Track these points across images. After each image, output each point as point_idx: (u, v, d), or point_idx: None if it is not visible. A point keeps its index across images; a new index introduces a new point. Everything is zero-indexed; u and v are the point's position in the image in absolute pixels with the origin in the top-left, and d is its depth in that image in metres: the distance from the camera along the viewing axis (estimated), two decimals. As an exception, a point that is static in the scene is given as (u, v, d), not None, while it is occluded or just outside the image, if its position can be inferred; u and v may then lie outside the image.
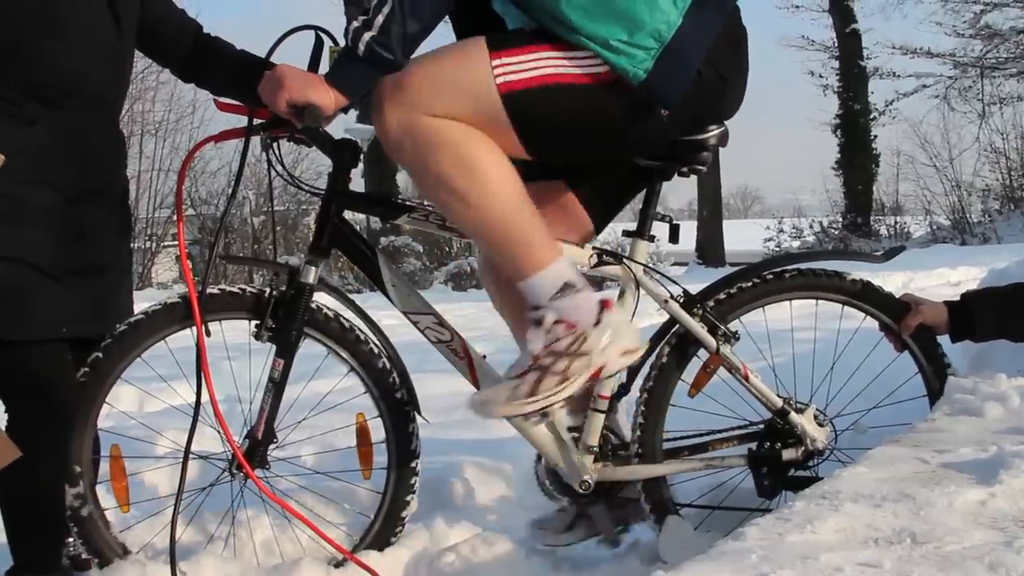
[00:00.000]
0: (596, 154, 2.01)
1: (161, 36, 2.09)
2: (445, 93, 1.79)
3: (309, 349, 2.11)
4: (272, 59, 2.01)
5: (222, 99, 2.09)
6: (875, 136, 17.57)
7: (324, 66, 1.94)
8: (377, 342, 2.13)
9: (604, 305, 1.83)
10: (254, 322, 2.06)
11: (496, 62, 1.79)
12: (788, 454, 2.14)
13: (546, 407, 1.82)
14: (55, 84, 1.88)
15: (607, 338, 1.81)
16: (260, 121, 2.00)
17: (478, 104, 1.79)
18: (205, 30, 2.17)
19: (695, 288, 2.17)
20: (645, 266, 2.08)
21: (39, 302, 1.87)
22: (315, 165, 14.89)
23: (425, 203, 2.09)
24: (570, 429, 2.13)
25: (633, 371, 2.15)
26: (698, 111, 1.93)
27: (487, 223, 1.82)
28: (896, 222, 16.89)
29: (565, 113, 1.82)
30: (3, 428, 1.87)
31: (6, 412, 1.94)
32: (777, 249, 16.79)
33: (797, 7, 18.41)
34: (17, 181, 1.84)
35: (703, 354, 2.14)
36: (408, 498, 2.14)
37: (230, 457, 2.04)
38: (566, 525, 2.21)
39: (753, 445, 2.17)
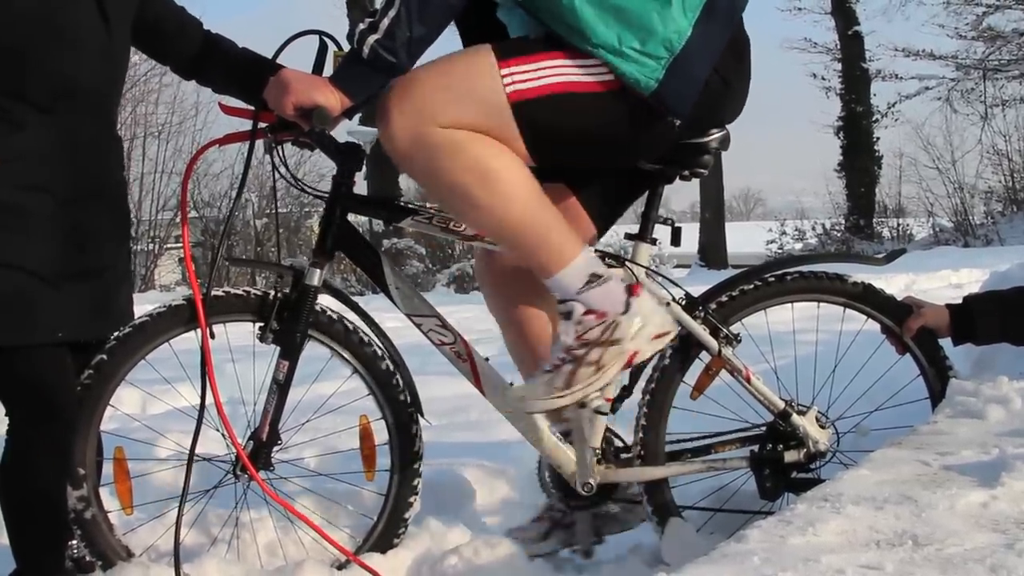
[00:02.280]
0: (603, 161, 2.02)
1: (162, 34, 2.09)
2: (454, 103, 1.78)
3: (313, 351, 2.11)
4: (276, 62, 2.02)
5: (227, 103, 2.10)
6: (877, 138, 17.55)
7: (328, 70, 1.94)
8: (380, 344, 2.14)
9: (632, 291, 1.85)
10: (258, 324, 2.06)
11: (505, 71, 1.78)
12: (790, 456, 2.14)
13: (583, 397, 1.84)
14: (44, 87, 1.86)
15: (638, 323, 1.83)
16: (265, 124, 2.00)
17: (488, 113, 1.79)
18: (206, 28, 2.16)
19: (697, 290, 2.18)
20: (647, 269, 2.08)
21: (37, 307, 1.86)
22: (318, 168, 14.89)
23: (428, 205, 2.10)
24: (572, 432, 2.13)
25: (635, 373, 2.16)
26: (702, 116, 1.93)
27: (507, 226, 1.83)
28: (898, 224, 16.87)
29: (576, 122, 1.82)
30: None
31: (7, 416, 1.94)
32: (779, 251, 16.77)
33: (800, 9, 18.40)
34: (10, 186, 1.84)
35: (705, 356, 2.14)
36: (411, 500, 2.14)
37: (234, 459, 2.05)
38: (542, 534, 2.21)
39: (755, 447, 2.17)
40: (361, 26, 1.76)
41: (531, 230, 1.83)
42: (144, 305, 2.17)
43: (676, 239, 2.22)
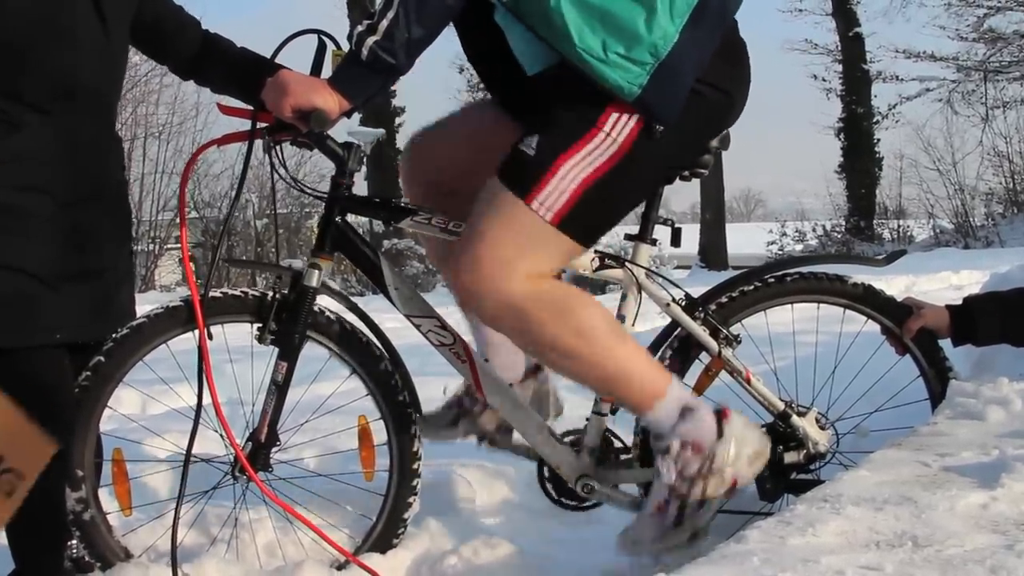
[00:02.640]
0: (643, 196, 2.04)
1: (161, 34, 2.08)
2: (517, 256, 1.80)
3: (311, 352, 2.11)
4: (275, 62, 2.02)
5: (226, 103, 2.09)
6: (878, 140, 17.57)
7: (327, 70, 1.94)
8: (379, 345, 2.13)
9: (722, 415, 1.88)
10: (257, 325, 2.06)
11: (535, 204, 1.79)
12: (790, 457, 2.14)
13: (695, 530, 1.87)
14: (42, 88, 1.86)
15: (734, 448, 1.86)
16: (263, 125, 2.00)
17: (545, 246, 1.81)
18: (204, 28, 2.16)
19: (697, 291, 2.18)
20: (647, 269, 2.08)
21: (37, 309, 1.86)
22: (318, 168, 14.89)
23: (427, 207, 2.10)
24: (571, 431, 2.13)
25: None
26: (711, 130, 1.97)
27: (603, 376, 1.86)
28: (899, 226, 16.87)
29: (612, 199, 1.85)
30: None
31: None
32: (780, 252, 16.76)
33: (800, 11, 18.42)
34: (9, 188, 1.83)
35: (705, 357, 2.14)
36: (410, 500, 2.14)
37: (233, 460, 2.05)
38: (449, 421, 2.22)
39: (755, 448, 2.17)
40: (359, 28, 1.76)
41: (624, 374, 1.86)
42: (144, 305, 2.16)
43: (676, 240, 2.21)
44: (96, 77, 1.94)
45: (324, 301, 2.11)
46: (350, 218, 2.08)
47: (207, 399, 1.98)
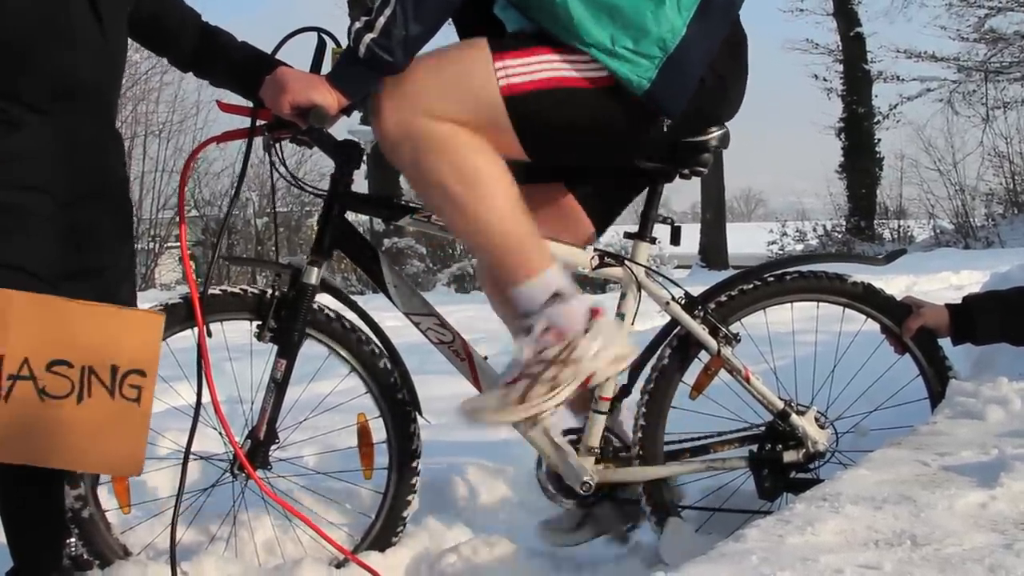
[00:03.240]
0: (596, 158, 2.01)
1: (162, 29, 2.07)
2: (446, 95, 1.78)
3: (311, 350, 2.11)
4: (275, 57, 2.01)
5: (225, 100, 2.09)
6: (879, 140, 17.54)
7: (326, 67, 1.94)
8: (379, 343, 2.13)
9: (594, 313, 1.83)
10: (256, 323, 2.06)
11: (499, 64, 1.78)
12: (789, 456, 2.14)
13: (536, 415, 1.83)
14: (41, 87, 1.86)
15: (597, 345, 1.82)
16: (263, 122, 2.00)
17: (479, 106, 1.79)
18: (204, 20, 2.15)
19: (697, 290, 2.18)
20: (647, 268, 2.08)
21: None
22: (318, 167, 14.90)
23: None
24: (571, 431, 2.13)
25: (634, 373, 2.16)
26: (699, 115, 1.93)
27: (481, 231, 1.83)
28: (899, 226, 16.85)
29: (567, 117, 1.82)
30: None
31: None
32: (780, 252, 16.76)
33: (801, 10, 18.39)
34: (8, 187, 1.83)
35: (704, 356, 2.14)
36: (409, 498, 2.14)
37: (232, 458, 2.05)
38: (574, 525, 2.21)
39: (754, 447, 2.17)
40: (357, 25, 1.76)
41: (504, 238, 1.82)
42: (144, 304, 2.16)
43: (676, 238, 2.22)
44: (95, 75, 1.93)
45: (324, 299, 2.11)
46: (350, 216, 2.08)
47: (206, 397, 1.98)
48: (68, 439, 1.85)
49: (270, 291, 2.06)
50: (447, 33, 1.95)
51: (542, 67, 1.79)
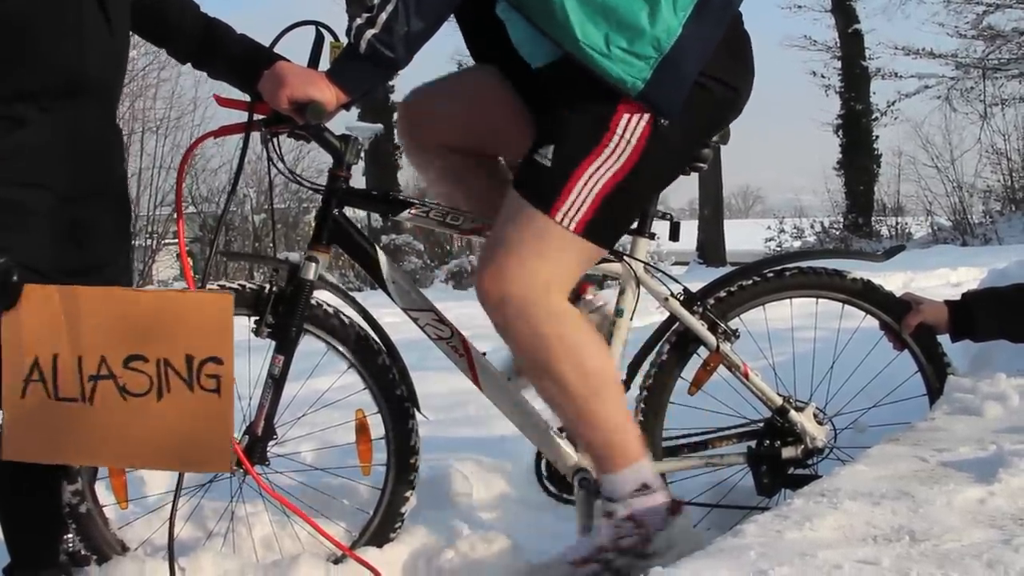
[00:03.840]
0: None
1: (163, 21, 2.06)
2: (539, 267, 1.81)
3: (309, 345, 2.11)
4: (274, 51, 2.01)
5: (222, 95, 2.08)
6: (877, 136, 17.56)
7: (324, 62, 1.93)
8: (377, 339, 2.13)
9: (673, 510, 1.87)
10: (253, 318, 2.05)
11: (558, 216, 1.80)
12: (788, 452, 2.14)
13: None
14: (48, 86, 1.85)
15: (669, 543, 1.85)
16: (260, 117, 1.99)
17: (570, 254, 1.83)
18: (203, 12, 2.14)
19: (695, 286, 2.17)
20: (645, 264, 2.08)
21: None
22: (317, 163, 14.87)
23: (425, 199, 2.10)
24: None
25: (633, 368, 2.15)
26: (719, 124, 1.97)
27: (586, 417, 1.86)
28: (897, 223, 16.87)
29: (632, 200, 1.88)
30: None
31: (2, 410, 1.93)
32: (778, 249, 16.75)
33: (800, 7, 18.36)
34: (11, 184, 1.83)
35: (703, 352, 2.14)
36: (407, 494, 2.14)
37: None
38: None
39: (753, 443, 2.17)
40: (358, 21, 1.75)
41: (608, 424, 1.86)
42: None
43: (675, 234, 2.21)
44: (102, 73, 1.93)
45: (322, 295, 2.11)
46: (348, 212, 2.08)
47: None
48: (154, 438, 1.79)
49: (268, 287, 2.05)
50: (448, 32, 1.95)
51: (590, 186, 1.80)
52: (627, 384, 2.14)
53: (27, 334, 1.80)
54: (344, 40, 1.84)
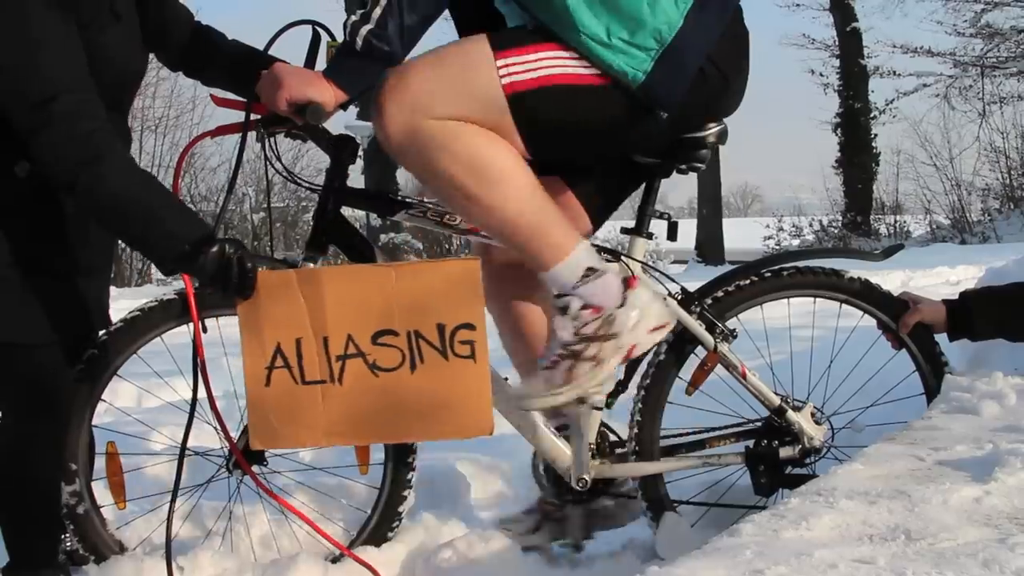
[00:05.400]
0: (598, 154, 2.01)
1: (161, 28, 2.05)
2: (449, 95, 1.76)
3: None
4: (268, 54, 2.00)
5: (219, 94, 2.08)
6: (875, 135, 17.56)
7: (321, 61, 1.93)
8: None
9: (628, 283, 1.84)
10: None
11: (501, 62, 1.77)
12: (785, 452, 2.14)
13: (583, 392, 1.84)
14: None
15: (635, 316, 1.83)
16: (257, 116, 1.99)
17: (483, 106, 1.77)
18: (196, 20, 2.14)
19: (693, 286, 2.18)
20: (643, 263, 2.08)
21: (51, 304, 1.85)
22: (315, 162, 14.88)
23: (423, 199, 2.09)
24: (568, 426, 2.13)
25: (631, 369, 2.16)
26: (699, 109, 1.92)
27: (504, 221, 1.81)
28: (896, 221, 16.88)
29: (570, 115, 1.81)
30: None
31: (0, 409, 1.93)
32: (777, 248, 16.76)
33: (798, 5, 18.38)
34: (26, 189, 1.82)
35: (701, 352, 2.14)
36: (405, 493, 2.14)
37: (227, 453, 2.04)
38: (531, 527, 2.21)
39: (750, 443, 2.17)
40: (353, 18, 1.75)
41: (527, 224, 1.81)
42: (141, 299, 2.16)
43: (673, 233, 2.21)
44: (133, 90, 1.94)
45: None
46: (346, 212, 2.08)
47: (202, 392, 1.97)
48: (411, 410, 1.80)
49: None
50: (445, 29, 1.94)
51: (545, 64, 1.77)
52: (625, 384, 2.14)
53: (267, 321, 1.81)
54: (340, 38, 1.84)
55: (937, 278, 6.92)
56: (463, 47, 1.83)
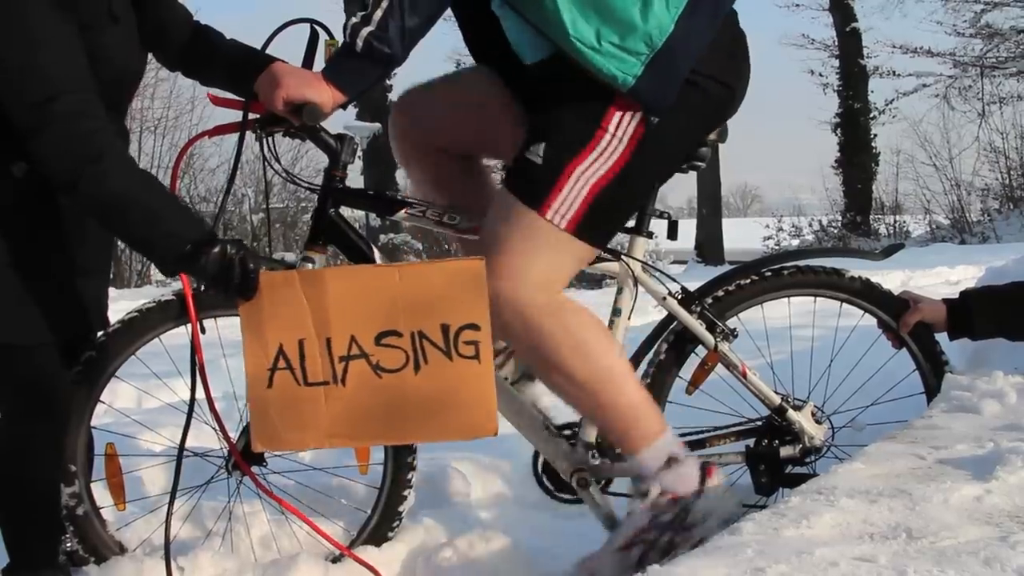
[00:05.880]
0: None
1: (159, 28, 2.05)
2: (530, 267, 1.81)
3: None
4: (266, 53, 2.00)
5: (217, 93, 2.07)
6: (875, 135, 17.58)
7: (320, 60, 1.93)
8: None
9: (706, 473, 1.88)
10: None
11: (549, 214, 1.80)
12: (785, 451, 2.14)
13: None
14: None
15: (708, 509, 1.86)
16: (255, 116, 1.99)
17: (561, 253, 1.83)
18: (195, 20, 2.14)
19: (693, 286, 2.17)
20: (643, 263, 2.08)
21: (50, 305, 1.85)
22: (315, 162, 14.86)
23: (421, 199, 2.09)
24: (568, 425, 2.13)
25: (631, 367, 2.15)
26: (713, 122, 1.96)
27: (601, 404, 1.87)
28: (895, 221, 16.89)
29: (624, 199, 1.87)
30: None
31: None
32: (776, 248, 16.76)
33: (798, 5, 18.39)
34: (25, 190, 1.82)
35: (701, 351, 2.14)
36: (405, 493, 2.14)
37: (227, 454, 2.04)
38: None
39: (751, 442, 2.17)
40: (353, 19, 1.75)
41: (621, 408, 1.87)
42: (140, 300, 2.16)
43: (673, 232, 2.21)
44: (132, 91, 1.94)
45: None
46: (345, 212, 2.07)
47: (201, 393, 1.97)
48: (414, 411, 1.80)
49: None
50: (446, 29, 1.94)
51: (580, 185, 1.80)
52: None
53: (269, 322, 1.80)
54: (339, 38, 1.83)
55: (937, 278, 6.92)
56: (510, 224, 1.83)
